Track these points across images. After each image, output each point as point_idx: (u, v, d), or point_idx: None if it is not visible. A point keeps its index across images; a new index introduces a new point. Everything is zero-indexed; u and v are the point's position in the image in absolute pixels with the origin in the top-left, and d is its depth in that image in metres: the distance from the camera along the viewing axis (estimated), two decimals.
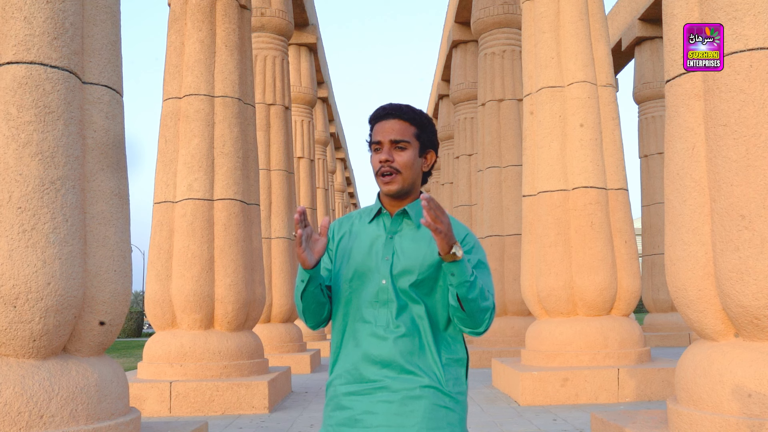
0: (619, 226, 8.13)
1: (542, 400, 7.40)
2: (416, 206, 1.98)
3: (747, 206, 3.66)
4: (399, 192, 1.95)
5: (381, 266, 1.93)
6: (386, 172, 1.93)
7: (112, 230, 3.95)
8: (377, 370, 1.88)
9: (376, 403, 1.86)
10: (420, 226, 1.95)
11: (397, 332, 1.88)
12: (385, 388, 1.86)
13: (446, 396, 1.87)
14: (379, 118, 1.96)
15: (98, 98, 3.98)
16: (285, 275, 12.04)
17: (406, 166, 1.93)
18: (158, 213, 7.88)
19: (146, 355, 7.72)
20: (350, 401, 1.90)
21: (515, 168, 12.21)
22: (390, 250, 1.94)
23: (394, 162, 1.92)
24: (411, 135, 1.94)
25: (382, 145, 1.94)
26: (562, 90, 8.25)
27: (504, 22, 12.82)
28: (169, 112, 8.09)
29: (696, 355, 4.02)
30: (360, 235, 2.00)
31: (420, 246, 1.93)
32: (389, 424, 1.83)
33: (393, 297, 1.90)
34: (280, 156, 12.48)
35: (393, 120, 1.95)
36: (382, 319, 1.90)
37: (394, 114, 1.95)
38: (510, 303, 12.21)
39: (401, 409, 1.84)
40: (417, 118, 1.96)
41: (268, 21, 12.58)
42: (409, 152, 1.94)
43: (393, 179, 1.93)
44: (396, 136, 1.93)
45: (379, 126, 1.95)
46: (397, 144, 1.93)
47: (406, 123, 1.95)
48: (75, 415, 3.57)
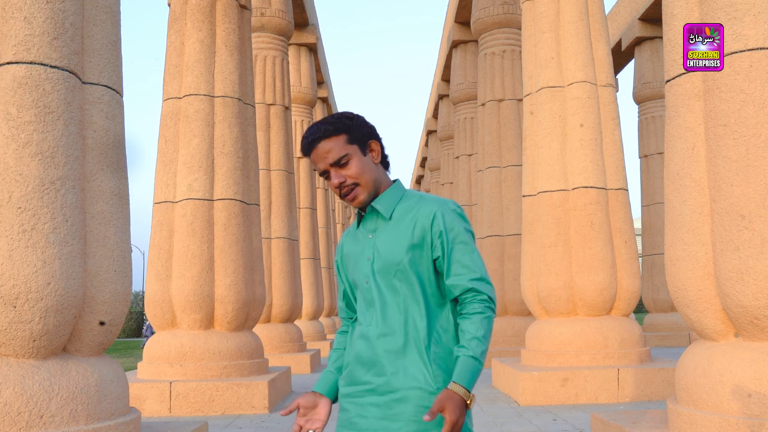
0: (619, 226, 8.12)
1: (542, 400, 7.40)
2: (384, 198, 1.94)
3: (747, 206, 3.66)
4: (367, 199, 1.92)
5: (365, 267, 1.93)
6: (346, 192, 1.90)
7: (112, 230, 3.95)
8: (365, 372, 1.89)
9: (366, 406, 1.86)
10: (391, 217, 1.92)
11: (378, 331, 1.87)
12: (373, 390, 1.86)
13: (433, 395, 1.81)
14: (308, 148, 1.91)
15: (98, 98, 3.98)
16: (285, 275, 12.04)
17: (360, 175, 1.89)
18: (158, 213, 7.88)
19: (146, 355, 7.72)
20: (347, 403, 1.91)
21: (515, 168, 12.21)
22: (371, 249, 1.93)
23: (347, 180, 1.89)
24: (344, 145, 1.89)
25: (327, 171, 1.90)
26: (562, 90, 8.25)
27: (504, 22, 12.82)
28: (169, 112, 8.09)
29: (696, 355, 4.02)
30: (352, 241, 2.02)
31: (396, 236, 1.90)
32: (376, 427, 1.83)
33: (376, 295, 1.90)
34: (280, 156, 12.48)
35: (320, 143, 1.89)
36: (369, 319, 1.91)
37: (317, 138, 1.89)
38: (510, 303, 12.21)
39: (387, 413, 1.83)
40: (339, 126, 1.89)
41: (268, 21, 12.58)
42: (353, 161, 1.89)
43: (355, 194, 1.90)
44: (333, 158, 1.88)
45: (313, 155, 1.91)
46: (338, 163, 1.88)
47: (333, 138, 1.88)
48: (75, 415, 3.57)
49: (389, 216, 1.92)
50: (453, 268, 1.87)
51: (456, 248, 1.87)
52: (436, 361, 1.84)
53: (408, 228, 1.89)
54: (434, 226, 1.87)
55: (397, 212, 1.93)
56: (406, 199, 1.95)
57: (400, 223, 1.91)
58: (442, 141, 21.21)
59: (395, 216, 1.92)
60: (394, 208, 1.93)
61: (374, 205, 1.93)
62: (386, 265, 1.89)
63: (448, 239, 1.87)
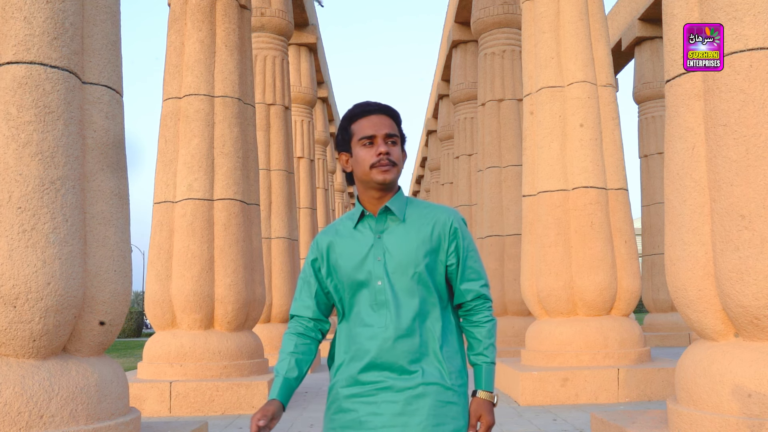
0: (619, 226, 8.13)
1: (542, 400, 7.40)
2: (397, 200, 1.97)
3: (747, 206, 3.66)
4: (393, 182, 1.96)
5: (374, 268, 1.92)
6: (386, 163, 1.92)
7: (112, 230, 3.95)
8: (379, 372, 1.89)
9: (381, 404, 1.86)
10: (405, 220, 1.96)
11: (397, 333, 1.88)
12: (389, 388, 1.87)
13: (449, 390, 1.89)
14: (366, 113, 1.97)
15: (98, 98, 3.98)
16: (285, 275, 12.04)
17: (399, 160, 1.97)
18: (158, 213, 7.88)
19: (146, 355, 7.72)
20: (353, 404, 1.90)
21: (515, 168, 12.21)
22: (380, 250, 1.93)
23: (392, 155, 1.94)
24: (397, 131, 1.98)
25: (375, 139, 1.93)
26: (562, 90, 8.25)
27: (504, 22, 12.82)
28: (169, 112, 8.09)
29: (696, 355, 4.02)
30: (347, 241, 1.98)
31: (410, 239, 1.93)
32: (394, 424, 1.84)
33: (390, 297, 1.90)
34: (280, 156, 12.48)
35: (381, 115, 1.97)
36: (381, 320, 1.90)
37: (381, 110, 1.97)
38: (510, 303, 12.21)
39: (406, 409, 1.85)
40: (397, 117, 2.00)
41: (268, 21, 12.57)
42: (398, 147, 1.97)
43: (390, 170, 1.93)
44: (389, 130, 1.95)
45: (366, 121, 1.95)
46: (390, 138, 1.95)
47: (392, 119, 1.98)
48: (75, 415, 3.57)
49: (403, 218, 1.96)
50: (467, 274, 1.98)
51: (469, 255, 1.99)
52: (448, 359, 1.92)
53: (424, 232, 1.94)
54: (451, 234, 1.97)
55: (410, 216, 1.97)
56: (413, 205, 2.01)
57: (415, 226, 1.95)
58: (442, 141, 21.20)
59: (408, 219, 1.96)
60: (405, 212, 1.98)
61: (389, 205, 1.96)
62: (400, 266, 1.91)
63: (464, 246, 1.98)
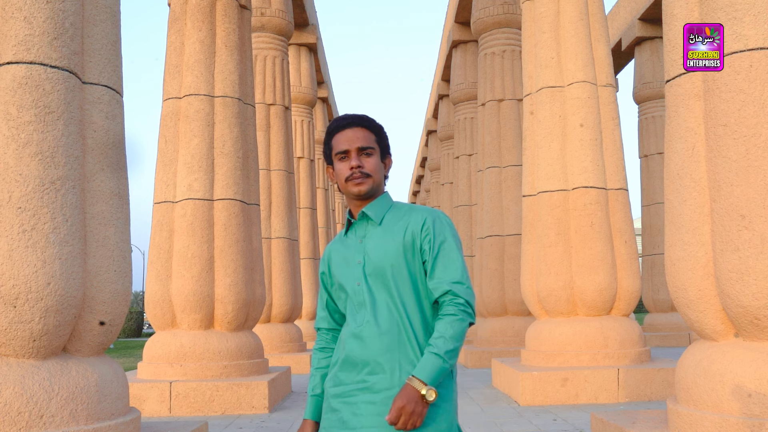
0: (619, 226, 8.13)
1: (542, 400, 7.40)
2: (375, 205, 2.04)
3: (747, 206, 3.66)
4: (368, 192, 2.01)
5: (355, 271, 2.00)
6: (358, 176, 1.99)
7: (112, 230, 3.95)
8: (359, 371, 1.93)
9: (360, 405, 1.89)
10: (382, 223, 2.02)
11: (372, 331, 1.92)
12: (368, 389, 1.90)
13: None
14: (341, 128, 2.03)
15: (98, 98, 3.98)
16: (285, 275, 12.04)
17: (375, 170, 2.02)
18: (158, 213, 7.88)
19: (146, 355, 7.72)
20: (338, 403, 1.94)
21: (515, 168, 12.21)
22: (361, 253, 2.01)
23: (365, 167, 2.00)
24: (373, 141, 2.03)
25: (348, 153, 2.00)
26: (562, 90, 8.25)
27: (504, 22, 12.82)
28: (169, 112, 8.09)
29: (696, 355, 4.02)
30: (339, 248, 2.09)
31: (386, 240, 1.99)
32: (372, 424, 1.86)
33: (367, 297, 1.96)
34: (280, 156, 12.48)
35: (356, 128, 2.02)
36: (360, 319, 1.96)
37: (355, 123, 2.03)
38: (510, 303, 12.21)
39: (383, 410, 1.87)
40: (375, 127, 2.06)
41: (268, 21, 12.57)
42: (374, 157, 2.03)
43: (364, 182, 2.00)
44: (362, 143, 2.00)
45: (341, 135, 2.02)
46: (364, 150, 2.01)
47: (367, 131, 2.03)
48: (75, 415, 3.57)
49: (380, 221, 2.02)
50: (436, 271, 1.97)
51: (441, 252, 1.98)
52: None
53: (399, 233, 1.99)
54: (423, 231, 1.99)
55: (387, 219, 2.03)
56: (396, 209, 2.06)
57: (391, 229, 2.00)
58: (442, 141, 21.20)
59: (385, 222, 2.02)
60: (384, 215, 2.03)
61: (365, 210, 2.02)
62: (377, 268, 1.97)
63: (435, 243, 1.98)
